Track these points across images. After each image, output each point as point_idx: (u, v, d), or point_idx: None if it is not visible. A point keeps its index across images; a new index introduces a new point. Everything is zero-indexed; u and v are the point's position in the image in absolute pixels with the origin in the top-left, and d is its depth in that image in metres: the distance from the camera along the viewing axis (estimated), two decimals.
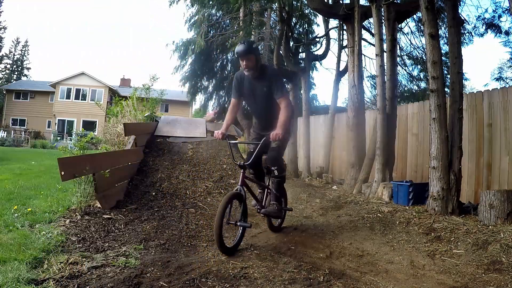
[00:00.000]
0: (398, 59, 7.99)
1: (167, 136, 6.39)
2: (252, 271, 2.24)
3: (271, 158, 2.96)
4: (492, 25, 7.18)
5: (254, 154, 2.92)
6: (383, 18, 5.86)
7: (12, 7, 60.83)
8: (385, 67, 5.61)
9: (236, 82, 3.05)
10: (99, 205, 3.42)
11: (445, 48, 6.86)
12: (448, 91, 4.59)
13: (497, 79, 11.59)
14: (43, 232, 2.60)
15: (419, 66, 9.94)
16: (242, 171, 2.82)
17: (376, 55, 5.65)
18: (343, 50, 9.26)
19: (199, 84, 13.71)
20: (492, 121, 4.92)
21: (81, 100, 25.54)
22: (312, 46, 10.17)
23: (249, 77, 2.92)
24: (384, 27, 5.80)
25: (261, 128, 3.15)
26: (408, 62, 10.17)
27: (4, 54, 36.53)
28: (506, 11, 6.69)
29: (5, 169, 6.55)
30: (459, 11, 5.10)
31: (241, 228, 2.76)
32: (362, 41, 7.25)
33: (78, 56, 69.98)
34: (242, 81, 3.01)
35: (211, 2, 9.90)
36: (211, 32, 11.81)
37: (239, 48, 2.80)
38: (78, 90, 25.60)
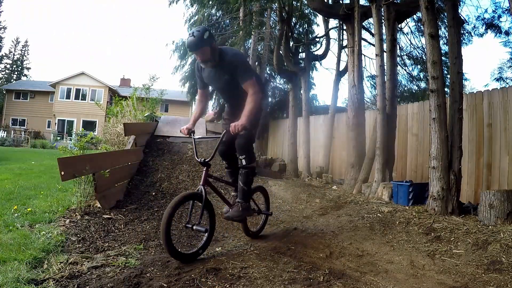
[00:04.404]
0: (398, 59, 8.00)
1: (167, 136, 6.40)
2: (252, 271, 2.24)
3: (238, 145, 2.66)
4: (492, 25, 7.18)
5: (216, 149, 2.67)
6: (383, 18, 5.86)
7: (12, 7, 60.83)
8: (385, 67, 5.62)
9: (196, 72, 2.82)
10: (99, 205, 3.42)
11: (445, 48, 6.87)
12: (448, 91, 4.59)
13: (497, 79, 11.57)
14: (43, 232, 2.60)
15: (419, 66, 9.94)
16: (204, 169, 2.56)
17: (376, 55, 5.65)
18: (343, 50, 9.26)
19: None
20: (492, 121, 4.92)
21: (81, 100, 25.53)
22: (312, 46, 10.17)
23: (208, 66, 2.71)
24: (384, 27, 5.81)
25: (231, 114, 2.90)
26: (408, 62, 10.17)
27: (4, 54, 36.54)
28: (506, 11, 6.69)
29: (5, 169, 6.55)
30: (459, 11, 5.10)
31: (206, 234, 2.49)
32: (362, 41, 7.26)
33: (78, 56, 70.03)
34: (201, 70, 2.78)
35: (210, 2, 9.90)
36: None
37: (188, 42, 2.48)
38: (78, 90, 25.58)
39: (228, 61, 2.60)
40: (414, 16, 7.78)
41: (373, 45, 6.60)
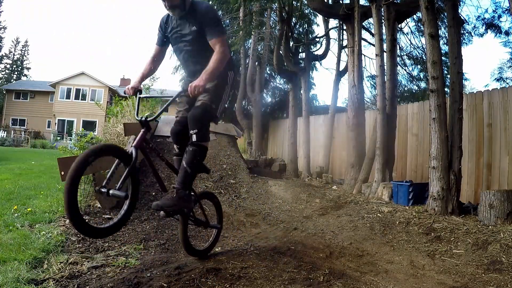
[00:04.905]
0: (398, 59, 7.99)
1: (167, 136, 6.37)
2: (252, 271, 2.24)
3: (192, 116, 2.19)
4: (492, 25, 7.18)
5: (164, 107, 2.23)
6: (383, 18, 5.86)
7: (12, 7, 60.83)
8: (385, 67, 5.62)
9: (161, 25, 2.45)
10: (99, 205, 3.42)
11: (445, 48, 6.86)
12: (448, 91, 4.59)
13: (497, 80, 11.56)
14: (43, 232, 2.60)
15: (419, 66, 9.94)
16: (142, 130, 2.06)
17: (376, 55, 5.65)
18: (343, 50, 9.26)
19: None
20: (492, 121, 4.92)
21: (81, 100, 25.53)
22: (312, 46, 10.17)
23: (176, 17, 2.33)
24: (384, 27, 5.81)
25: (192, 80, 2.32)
26: (408, 62, 10.18)
27: (4, 54, 36.52)
28: (506, 11, 6.69)
29: (5, 169, 6.55)
30: (459, 11, 5.11)
31: (124, 207, 1.91)
32: (362, 41, 7.26)
33: (78, 56, 70.04)
34: (168, 22, 2.41)
35: (210, 2, 9.90)
36: None
37: None
38: (78, 90, 25.58)
39: (199, 13, 2.26)
40: (414, 16, 7.78)
41: (373, 45, 6.61)
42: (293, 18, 9.61)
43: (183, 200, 2.11)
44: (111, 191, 1.84)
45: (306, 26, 11.82)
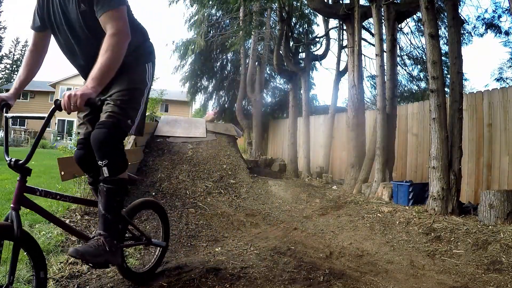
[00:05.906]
0: (398, 59, 8.00)
1: (167, 136, 6.39)
2: (252, 271, 2.24)
3: (95, 140, 1.53)
4: (492, 25, 7.20)
5: (38, 140, 1.50)
6: (383, 18, 5.86)
7: (12, 7, 60.85)
8: (385, 67, 5.62)
9: (38, 2, 1.64)
10: None
11: (445, 48, 6.88)
12: (448, 91, 4.60)
13: (497, 80, 11.59)
14: (43, 232, 2.60)
15: (419, 66, 9.96)
16: (18, 178, 1.45)
17: (376, 55, 5.65)
18: (343, 50, 9.26)
19: (199, 84, 13.76)
20: (492, 121, 4.92)
21: None
22: (312, 46, 10.17)
23: None
24: (384, 27, 5.81)
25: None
26: (408, 62, 10.19)
27: (4, 54, 36.56)
28: (506, 11, 6.71)
29: (5, 169, 6.54)
30: (459, 11, 5.10)
31: None
32: (362, 41, 7.26)
33: None
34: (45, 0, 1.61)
35: (210, 2, 9.90)
36: (211, 32, 11.84)
37: None
38: None
39: None
40: (414, 16, 7.78)
41: (373, 45, 6.60)
42: (293, 18, 9.61)
43: (111, 252, 1.53)
44: None
45: (306, 26, 11.83)
